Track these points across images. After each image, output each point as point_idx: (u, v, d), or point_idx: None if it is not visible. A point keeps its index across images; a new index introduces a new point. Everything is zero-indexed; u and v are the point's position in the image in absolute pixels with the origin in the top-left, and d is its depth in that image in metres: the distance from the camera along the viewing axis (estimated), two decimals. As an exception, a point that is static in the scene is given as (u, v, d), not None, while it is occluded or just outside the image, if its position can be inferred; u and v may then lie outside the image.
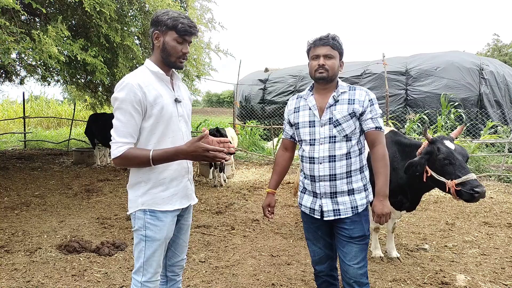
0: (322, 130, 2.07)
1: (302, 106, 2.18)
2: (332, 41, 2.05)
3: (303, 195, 2.23)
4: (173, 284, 2.11)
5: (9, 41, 4.09)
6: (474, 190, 2.50)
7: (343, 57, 2.14)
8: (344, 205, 2.07)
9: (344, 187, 2.06)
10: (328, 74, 2.04)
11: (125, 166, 1.74)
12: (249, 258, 3.60)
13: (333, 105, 2.07)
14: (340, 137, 2.04)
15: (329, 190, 2.07)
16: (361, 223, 2.09)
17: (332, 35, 2.07)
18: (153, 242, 1.83)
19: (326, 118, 2.07)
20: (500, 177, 7.27)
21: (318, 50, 2.06)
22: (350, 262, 2.08)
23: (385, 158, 2.05)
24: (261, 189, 6.57)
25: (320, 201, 2.10)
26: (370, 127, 2.05)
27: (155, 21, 1.82)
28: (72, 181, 6.88)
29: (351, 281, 2.09)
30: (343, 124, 2.03)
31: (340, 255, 2.15)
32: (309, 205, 2.17)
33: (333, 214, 2.08)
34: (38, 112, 17.25)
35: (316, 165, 2.08)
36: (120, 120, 1.72)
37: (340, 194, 2.07)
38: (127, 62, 5.87)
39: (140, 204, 1.83)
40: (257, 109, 13.98)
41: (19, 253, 3.57)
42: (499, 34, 34.70)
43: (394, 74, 10.86)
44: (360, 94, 2.07)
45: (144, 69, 1.85)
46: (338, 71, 2.10)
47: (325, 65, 2.03)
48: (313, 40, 2.11)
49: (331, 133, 2.05)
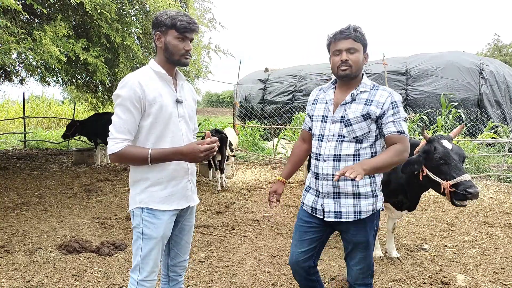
0: (332, 127, 1.96)
1: (320, 99, 2.07)
2: (354, 33, 1.88)
3: (306, 193, 2.14)
4: (175, 284, 2.12)
5: (10, 41, 4.09)
6: (467, 191, 2.47)
7: (367, 49, 1.96)
8: (346, 208, 1.95)
9: (349, 189, 1.94)
10: (352, 70, 1.90)
11: (121, 163, 1.76)
12: (249, 258, 3.60)
13: (349, 103, 1.94)
14: (350, 137, 1.92)
15: (331, 190, 1.97)
16: (366, 230, 1.99)
17: (353, 26, 1.91)
18: (150, 240, 1.84)
19: (338, 115, 1.95)
20: (500, 177, 7.27)
21: (340, 45, 1.90)
22: (354, 267, 2.05)
23: (397, 151, 1.84)
24: (261, 189, 6.57)
25: (322, 201, 2.01)
26: (391, 131, 1.88)
27: (155, 23, 1.85)
28: (72, 181, 6.88)
29: (353, 282, 2.08)
30: (354, 125, 1.90)
31: (346, 257, 2.11)
32: (311, 204, 2.07)
33: (334, 216, 1.98)
34: (38, 112, 17.25)
35: (321, 162, 1.98)
36: (119, 117, 1.74)
37: (344, 196, 1.96)
38: (128, 62, 5.88)
39: (138, 201, 1.85)
40: (257, 109, 13.99)
41: (19, 253, 3.57)
42: (499, 34, 34.70)
43: (394, 74, 10.87)
44: (381, 95, 1.90)
45: (147, 68, 1.88)
46: (362, 65, 1.94)
47: (348, 60, 1.88)
48: (333, 33, 1.94)
49: (340, 131, 1.93)
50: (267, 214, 5.04)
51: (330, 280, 3.12)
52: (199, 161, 1.84)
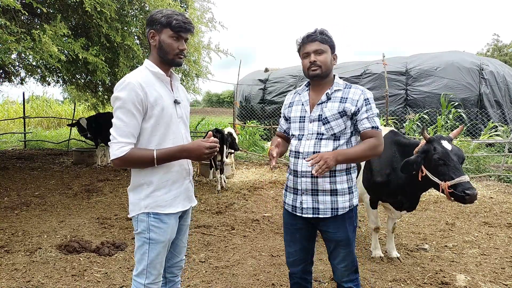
0: (311, 126, 2.03)
1: (296, 101, 2.15)
2: (320, 35, 1.99)
3: (286, 192, 2.21)
4: (172, 285, 2.10)
5: (10, 40, 4.09)
6: (465, 192, 2.49)
7: (335, 50, 2.07)
8: (324, 204, 2.01)
9: (327, 186, 2.00)
10: (322, 70, 1.99)
11: (126, 167, 1.73)
12: (249, 258, 3.60)
13: (324, 102, 2.03)
14: (328, 135, 2.00)
15: (310, 187, 2.02)
16: (344, 226, 2.04)
17: (319, 30, 2.02)
18: (157, 244, 1.82)
19: (315, 114, 2.03)
20: (500, 177, 7.27)
21: (308, 47, 2.01)
22: (339, 265, 2.09)
23: (371, 145, 1.95)
24: (261, 189, 6.57)
25: (300, 198, 2.06)
26: (366, 127, 1.98)
27: (150, 21, 1.82)
28: (72, 181, 6.88)
29: (339, 280, 2.12)
30: (332, 122, 1.98)
31: (329, 256, 2.15)
32: (291, 203, 2.13)
33: (312, 212, 2.03)
34: (38, 112, 17.26)
35: (300, 160, 2.03)
36: (122, 120, 1.69)
37: (322, 193, 2.01)
38: (128, 61, 5.88)
39: (143, 207, 1.81)
40: (257, 109, 13.98)
41: (19, 253, 3.57)
42: (499, 34, 34.73)
43: (394, 74, 10.86)
44: (354, 93, 2.00)
45: (144, 69, 1.84)
46: (331, 65, 2.04)
47: (316, 61, 1.98)
48: (301, 38, 2.05)
49: (319, 129, 2.01)
50: (267, 214, 5.04)
51: (330, 280, 3.12)
52: (204, 158, 1.84)
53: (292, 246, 2.20)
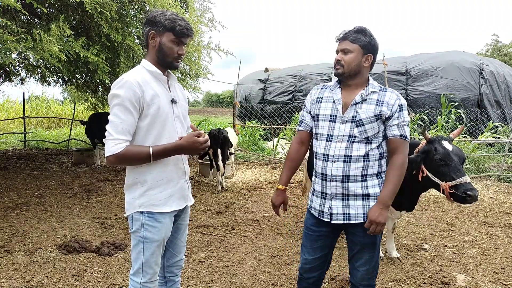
0: (343, 127, 1.93)
1: (325, 98, 2.03)
2: (353, 34, 1.92)
3: (313, 196, 2.10)
4: (172, 284, 2.10)
5: (10, 40, 4.09)
6: (467, 193, 2.48)
7: (370, 51, 1.94)
8: (355, 209, 1.93)
9: (358, 191, 1.92)
10: (344, 70, 1.92)
11: (121, 164, 1.74)
12: (249, 258, 3.60)
13: (359, 103, 1.93)
14: (361, 138, 1.91)
15: (340, 191, 1.94)
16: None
17: (356, 28, 1.94)
18: (152, 243, 1.83)
19: (349, 115, 1.93)
20: (500, 177, 7.27)
21: (339, 45, 1.97)
22: (360, 268, 2.03)
23: (402, 168, 1.91)
24: (261, 189, 6.57)
25: (330, 203, 1.97)
26: (394, 134, 1.91)
27: (151, 21, 1.82)
28: (72, 181, 6.88)
29: (357, 283, 2.07)
30: (367, 125, 1.90)
31: (351, 258, 2.09)
32: (318, 207, 2.04)
33: (342, 218, 1.95)
34: (38, 112, 17.26)
35: (330, 163, 1.94)
36: (118, 117, 1.70)
37: (353, 197, 1.93)
38: (128, 61, 5.88)
39: (137, 206, 1.82)
40: (257, 109, 13.98)
41: (19, 253, 3.57)
42: (498, 34, 34.72)
43: (394, 74, 10.86)
44: (390, 97, 1.92)
45: (141, 68, 1.85)
46: (359, 66, 1.93)
47: (340, 60, 1.93)
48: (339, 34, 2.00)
49: (351, 132, 1.91)
50: (267, 214, 5.04)
51: (330, 280, 3.12)
52: (198, 153, 1.86)
53: (312, 253, 2.10)
